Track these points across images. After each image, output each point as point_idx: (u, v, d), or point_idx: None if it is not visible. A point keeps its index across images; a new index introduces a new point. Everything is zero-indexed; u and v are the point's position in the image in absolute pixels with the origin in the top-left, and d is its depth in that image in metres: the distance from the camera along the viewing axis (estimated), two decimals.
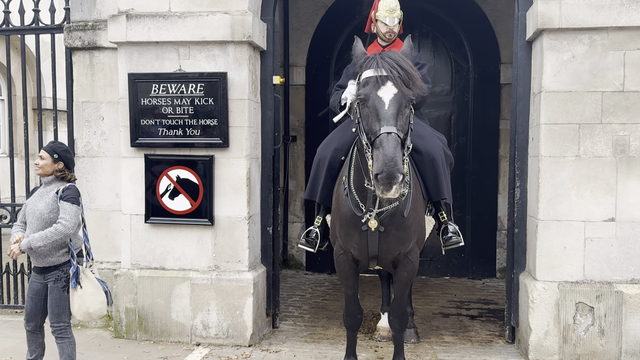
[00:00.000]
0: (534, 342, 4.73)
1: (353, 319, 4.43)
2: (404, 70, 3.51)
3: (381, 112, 3.43)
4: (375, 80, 3.51)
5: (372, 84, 3.52)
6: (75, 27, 5.57)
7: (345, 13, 7.61)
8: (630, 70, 4.60)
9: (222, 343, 5.12)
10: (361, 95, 3.53)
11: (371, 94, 3.49)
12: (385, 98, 3.46)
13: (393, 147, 3.28)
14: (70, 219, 3.80)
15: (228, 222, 5.13)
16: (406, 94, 3.49)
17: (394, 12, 4.75)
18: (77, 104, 5.65)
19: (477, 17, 7.46)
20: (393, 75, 3.48)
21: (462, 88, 7.63)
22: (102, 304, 4.00)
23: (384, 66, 3.51)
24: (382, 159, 3.26)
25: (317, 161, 4.52)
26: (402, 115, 3.47)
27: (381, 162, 3.26)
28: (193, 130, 5.11)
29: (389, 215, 3.93)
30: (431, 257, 7.52)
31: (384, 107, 3.43)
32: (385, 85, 3.48)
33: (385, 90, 3.48)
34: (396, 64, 3.52)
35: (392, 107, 3.43)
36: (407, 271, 4.23)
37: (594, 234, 4.69)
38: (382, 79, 3.49)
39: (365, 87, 3.55)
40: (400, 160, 3.29)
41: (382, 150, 3.28)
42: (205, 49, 5.07)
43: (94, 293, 3.95)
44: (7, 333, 5.42)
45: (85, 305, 3.92)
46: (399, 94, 3.48)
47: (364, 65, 3.65)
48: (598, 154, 4.66)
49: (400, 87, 3.48)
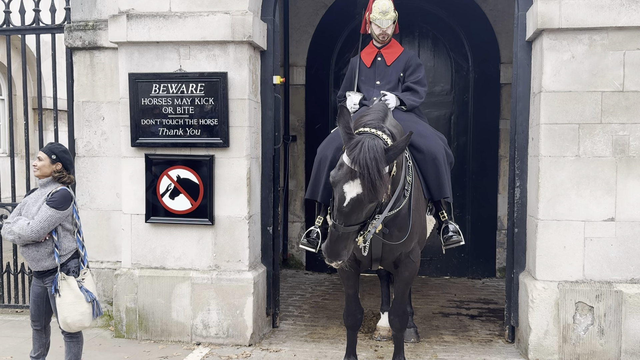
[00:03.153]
0: (533, 341, 4.74)
1: (353, 318, 4.44)
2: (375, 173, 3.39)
3: (340, 208, 3.44)
4: (345, 172, 3.45)
5: (342, 174, 3.46)
6: (76, 27, 5.58)
7: (345, 13, 7.61)
8: (630, 70, 4.61)
9: (222, 342, 5.13)
10: (331, 179, 3.53)
11: (338, 185, 3.47)
12: (348, 195, 3.42)
13: (335, 240, 3.45)
14: (37, 224, 3.71)
15: (228, 221, 5.14)
16: (369, 197, 3.40)
17: (386, 14, 4.78)
18: (78, 104, 5.65)
19: (477, 17, 7.47)
20: (364, 173, 3.38)
21: (462, 88, 7.64)
22: (81, 315, 3.83)
23: (359, 160, 3.41)
24: (326, 243, 3.51)
25: (319, 161, 4.54)
26: (359, 213, 3.46)
27: (325, 245, 3.52)
28: (193, 130, 5.12)
29: (392, 216, 3.93)
30: (431, 257, 7.52)
31: (343, 204, 3.42)
32: (353, 181, 3.41)
33: (350, 187, 3.42)
34: (371, 164, 3.40)
35: (352, 207, 3.41)
36: (409, 271, 4.24)
37: (593, 233, 4.69)
38: (353, 174, 3.42)
39: (337, 171, 3.51)
40: (342, 250, 3.45)
41: (328, 238, 3.51)
42: (206, 49, 5.07)
43: (74, 303, 3.81)
44: (8, 332, 5.42)
45: (63, 314, 3.81)
46: (361, 195, 3.40)
47: (346, 141, 3.55)
48: (598, 153, 4.67)
49: (365, 189, 3.39)
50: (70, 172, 4.00)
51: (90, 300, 3.88)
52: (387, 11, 4.77)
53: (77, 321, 3.84)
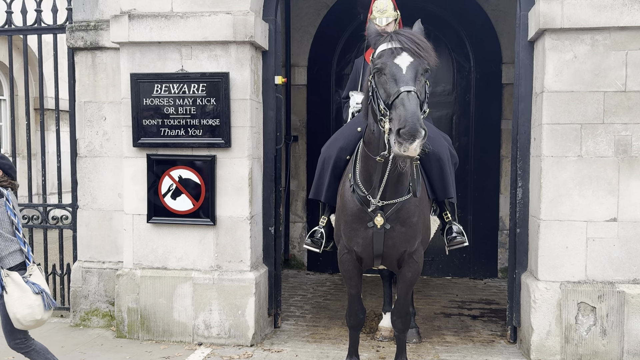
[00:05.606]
0: (535, 342, 4.73)
1: (356, 318, 4.43)
2: (418, 43, 3.56)
3: (399, 75, 3.44)
4: (390, 52, 3.55)
5: (387, 55, 3.55)
6: (78, 27, 5.58)
7: (346, 13, 7.61)
8: (632, 70, 4.60)
9: (224, 343, 5.13)
10: (378, 65, 3.55)
11: (388, 62, 3.51)
12: (402, 65, 3.49)
13: (414, 104, 3.27)
14: None
15: (230, 222, 5.14)
16: (422, 61, 3.52)
17: (384, 13, 4.83)
18: (80, 104, 5.66)
19: (478, 17, 7.47)
20: (407, 46, 3.52)
21: (463, 88, 7.64)
22: (30, 307, 3.72)
23: (398, 39, 3.56)
24: (404, 115, 3.23)
25: (322, 160, 4.54)
26: (419, 81, 3.49)
27: (403, 117, 3.23)
28: (195, 130, 5.12)
29: (395, 211, 3.94)
30: (433, 257, 7.52)
31: (402, 72, 3.45)
32: (400, 55, 3.52)
33: (401, 59, 3.51)
34: (410, 37, 3.58)
35: (410, 72, 3.46)
36: (412, 271, 4.24)
37: (596, 234, 4.69)
38: (397, 50, 3.53)
39: (380, 59, 3.57)
40: (421, 117, 3.28)
41: (404, 107, 3.26)
42: (208, 49, 5.07)
43: (21, 297, 3.71)
44: None
45: (12, 311, 3.70)
46: (415, 62, 3.50)
47: (378, 41, 3.69)
48: (600, 154, 4.66)
49: (415, 56, 3.51)
50: (13, 178, 3.98)
51: (38, 291, 3.76)
52: (385, 10, 4.82)
53: (27, 315, 3.72)
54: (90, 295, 5.64)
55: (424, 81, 3.57)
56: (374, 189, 3.92)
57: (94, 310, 5.64)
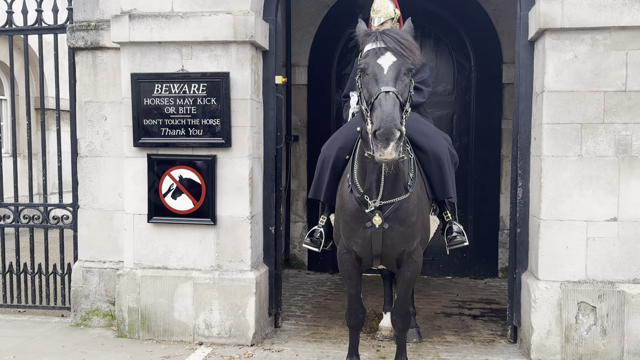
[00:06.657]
0: (536, 341, 4.74)
1: (356, 318, 4.43)
2: (402, 42, 3.63)
3: (380, 76, 3.53)
4: (374, 52, 3.63)
5: (371, 55, 3.64)
6: (78, 27, 5.58)
7: (347, 13, 7.61)
8: (632, 70, 4.60)
9: (224, 342, 5.14)
10: (361, 65, 3.65)
11: (370, 62, 3.60)
12: (385, 65, 3.57)
13: (391, 105, 3.35)
14: None
15: (230, 221, 5.14)
16: (404, 61, 3.60)
17: (378, 13, 4.88)
18: (80, 104, 5.66)
19: (479, 17, 7.47)
20: (391, 46, 3.60)
21: (464, 88, 7.64)
22: None
23: (382, 39, 3.64)
24: (380, 116, 3.31)
25: (322, 160, 4.55)
26: (401, 81, 3.56)
27: (379, 118, 3.30)
28: (195, 130, 5.12)
29: (393, 210, 3.94)
30: (433, 257, 7.52)
31: (383, 72, 3.54)
32: (384, 55, 3.60)
33: (384, 59, 3.60)
34: (395, 36, 3.65)
35: (391, 72, 3.54)
36: (411, 271, 4.24)
37: (596, 233, 4.69)
38: (381, 50, 3.61)
39: (365, 59, 3.66)
40: (398, 118, 3.34)
41: (380, 108, 3.35)
42: (208, 49, 5.08)
43: None
44: (10, 332, 5.43)
45: None
46: (398, 61, 3.58)
47: (365, 40, 3.77)
48: (600, 153, 4.66)
49: (398, 56, 3.59)
50: None
51: None
52: (379, 9, 4.86)
53: None
54: (91, 295, 5.65)
55: (408, 81, 3.63)
56: (371, 189, 3.92)
57: (95, 310, 5.65)
